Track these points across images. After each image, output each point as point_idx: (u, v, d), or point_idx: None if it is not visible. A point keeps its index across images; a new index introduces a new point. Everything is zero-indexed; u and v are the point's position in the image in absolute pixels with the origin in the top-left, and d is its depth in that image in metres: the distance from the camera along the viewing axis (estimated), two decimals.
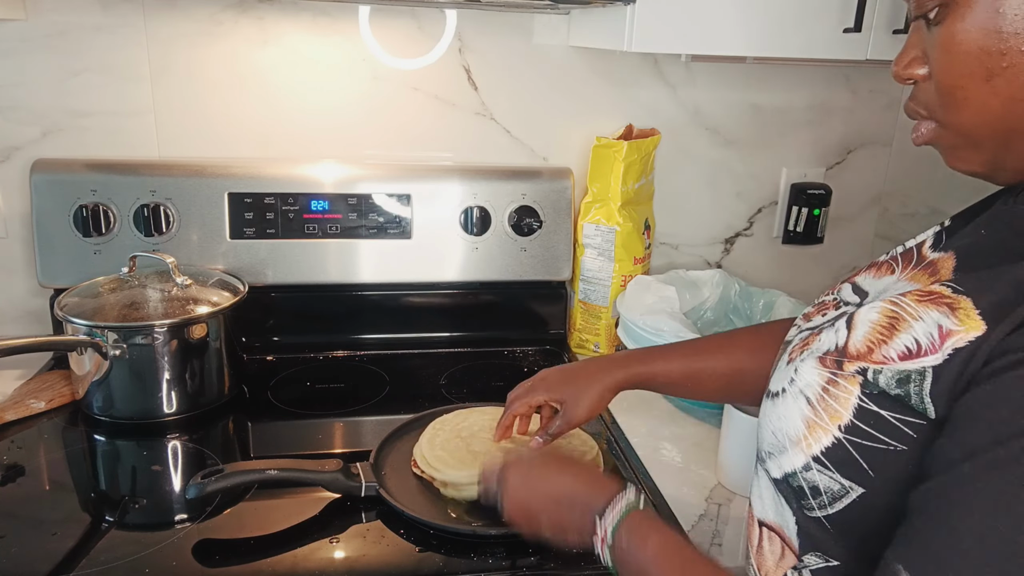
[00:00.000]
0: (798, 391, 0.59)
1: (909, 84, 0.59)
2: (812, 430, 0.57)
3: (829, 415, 0.56)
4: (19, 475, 0.95)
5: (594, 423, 1.12)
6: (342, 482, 0.88)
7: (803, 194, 1.48)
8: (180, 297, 1.10)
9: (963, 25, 0.52)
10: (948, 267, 0.59)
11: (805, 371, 0.60)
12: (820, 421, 0.57)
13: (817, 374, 0.58)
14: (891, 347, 0.54)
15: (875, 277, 0.68)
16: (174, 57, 1.24)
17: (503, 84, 1.34)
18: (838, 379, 0.57)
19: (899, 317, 0.55)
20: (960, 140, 0.57)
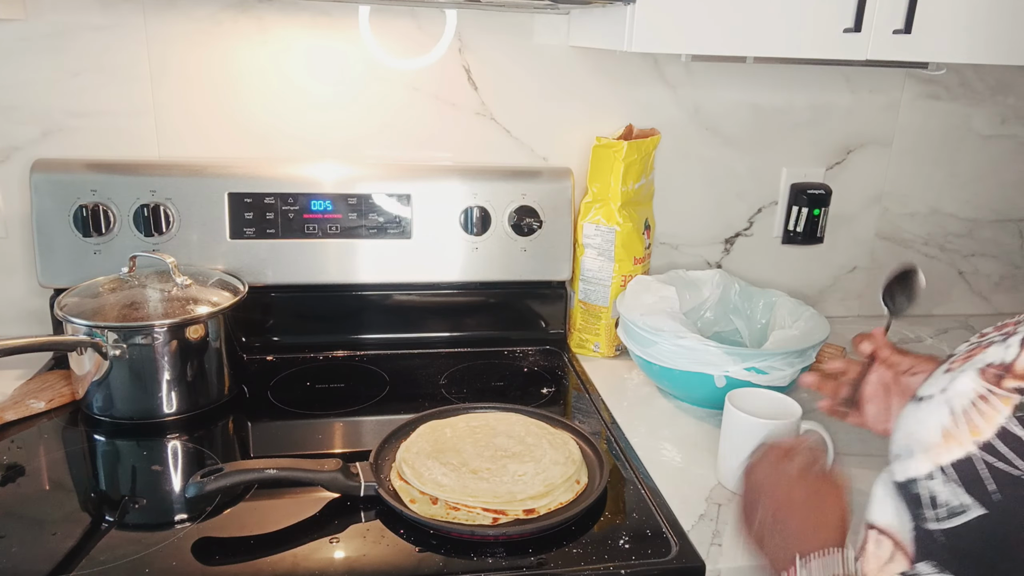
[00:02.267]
0: (944, 400, 0.58)
1: None
2: (947, 440, 0.55)
3: (970, 428, 0.54)
4: (19, 475, 0.95)
5: (594, 423, 1.13)
6: (341, 482, 0.88)
7: (803, 194, 1.48)
8: (180, 297, 1.10)
9: None
10: None
11: (962, 381, 0.58)
12: (957, 432, 0.55)
13: (972, 385, 0.56)
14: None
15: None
16: (174, 57, 1.24)
17: (503, 84, 1.34)
18: (992, 395, 0.55)
19: None
20: None
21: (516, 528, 0.84)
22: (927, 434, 0.57)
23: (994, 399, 0.54)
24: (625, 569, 0.81)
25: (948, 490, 0.54)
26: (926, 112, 1.50)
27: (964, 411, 0.55)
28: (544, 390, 1.23)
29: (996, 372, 0.56)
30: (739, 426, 0.95)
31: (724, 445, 0.99)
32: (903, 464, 0.59)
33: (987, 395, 0.55)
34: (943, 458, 0.55)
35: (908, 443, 0.59)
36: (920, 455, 0.57)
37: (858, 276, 1.61)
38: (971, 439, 0.54)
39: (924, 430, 0.58)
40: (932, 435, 0.57)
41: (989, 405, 0.54)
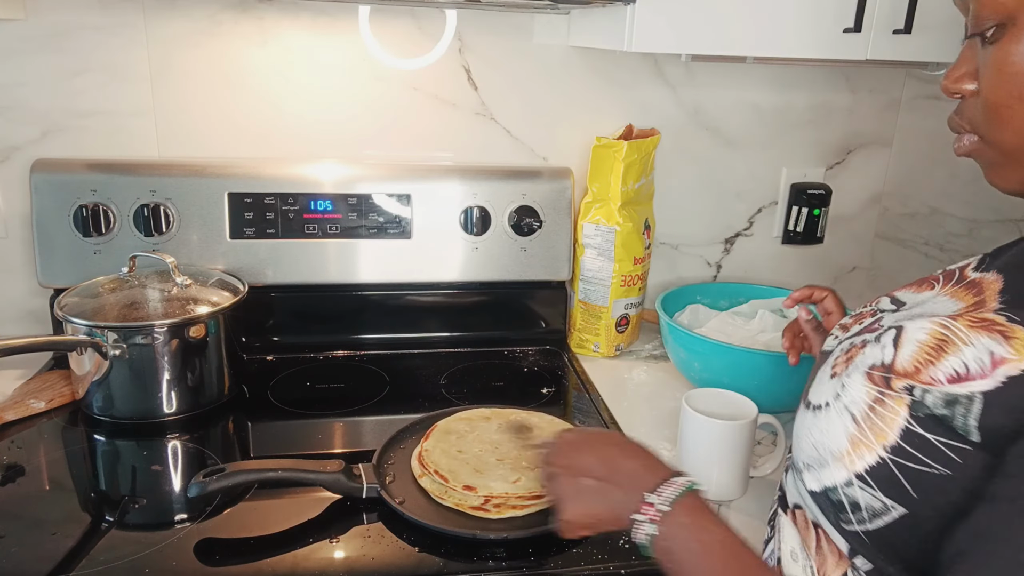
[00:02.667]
0: (843, 407, 0.59)
1: (956, 98, 0.61)
2: (856, 447, 0.57)
3: (875, 434, 0.56)
4: (19, 475, 0.95)
5: (594, 423, 1.13)
6: (344, 483, 0.88)
7: (803, 194, 1.48)
8: (180, 297, 1.10)
9: (1018, 47, 0.54)
10: (994, 289, 0.59)
11: (852, 387, 0.59)
12: (864, 439, 0.57)
13: (864, 391, 0.58)
14: (939, 368, 0.55)
15: (914, 292, 0.69)
16: (174, 57, 1.24)
17: (503, 84, 1.34)
18: (885, 398, 0.57)
19: (948, 340, 0.55)
20: (1001, 158, 0.59)
21: (516, 531, 0.84)
22: (835, 443, 0.59)
23: (889, 402, 0.56)
24: (625, 569, 0.81)
25: (867, 495, 0.56)
26: (926, 112, 1.50)
27: (864, 417, 0.57)
28: (544, 390, 1.23)
29: (882, 374, 0.58)
30: (697, 427, 0.95)
31: (683, 447, 0.98)
32: (816, 474, 0.61)
33: (881, 398, 0.57)
34: (857, 465, 0.57)
35: (817, 453, 0.61)
36: (833, 464, 0.59)
37: (858, 276, 1.61)
38: (878, 444, 0.56)
39: (831, 439, 0.59)
40: (840, 443, 0.58)
41: (886, 408, 0.56)
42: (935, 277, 0.69)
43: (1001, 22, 0.55)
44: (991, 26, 0.55)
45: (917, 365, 0.56)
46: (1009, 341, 0.52)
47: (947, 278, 0.67)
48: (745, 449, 0.94)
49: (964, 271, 0.66)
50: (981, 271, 0.64)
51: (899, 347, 0.58)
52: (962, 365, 0.53)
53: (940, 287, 0.66)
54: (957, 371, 0.53)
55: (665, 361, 1.35)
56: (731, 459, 0.94)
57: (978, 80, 0.58)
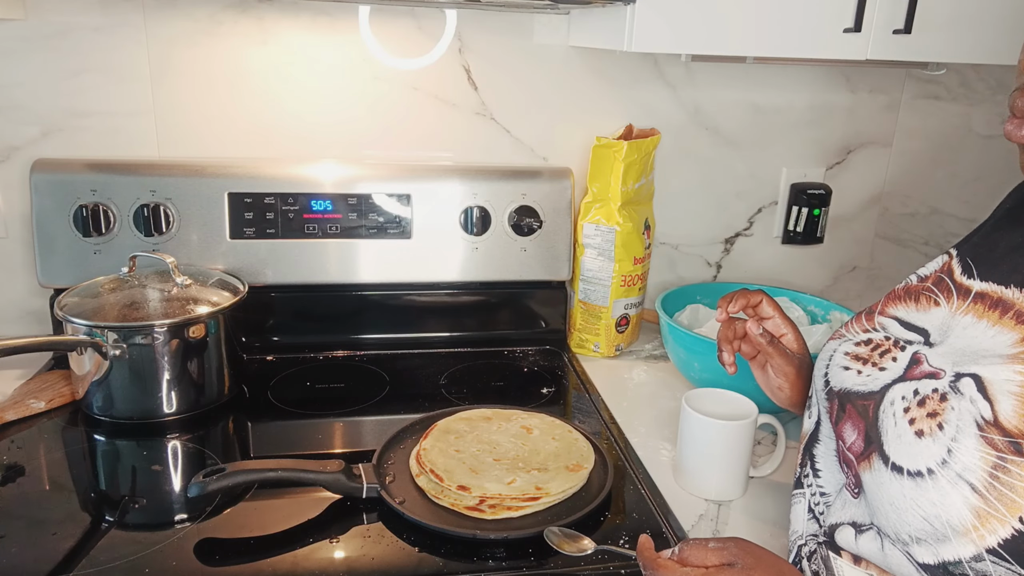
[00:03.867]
0: (956, 475, 0.56)
1: None
2: (984, 521, 0.54)
3: (1005, 505, 0.53)
4: (19, 475, 0.95)
5: (594, 423, 1.13)
6: (344, 483, 0.88)
7: (803, 194, 1.48)
8: (180, 297, 1.10)
9: None
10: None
11: (964, 453, 0.56)
12: (994, 511, 0.53)
13: (980, 457, 0.55)
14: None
15: (919, 311, 0.66)
16: (174, 57, 1.24)
17: (503, 84, 1.34)
18: (1008, 464, 0.53)
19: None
20: None
21: (516, 531, 0.84)
22: (955, 517, 0.55)
23: (1014, 468, 0.53)
24: (625, 569, 0.81)
25: (1003, 569, 0.53)
26: (926, 112, 1.50)
27: (987, 487, 0.54)
28: (544, 390, 1.23)
29: (999, 438, 0.54)
30: (697, 428, 0.94)
31: (682, 447, 0.98)
32: (931, 548, 0.57)
33: (1003, 465, 0.54)
34: (988, 540, 0.54)
35: (930, 526, 0.57)
36: (956, 539, 0.55)
37: (858, 276, 1.61)
38: (1012, 516, 0.53)
39: (949, 513, 0.56)
40: (962, 517, 0.55)
41: (1012, 476, 0.53)
42: (928, 289, 0.67)
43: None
44: None
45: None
46: None
47: (944, 292, 0.65)
48: (745, 449, 0.94)
49: (954, 278, 0.64)
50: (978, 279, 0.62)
51: (992, 401, 0.55)
52: None
53: (947, 306, 0.64)
54: None
55: (665, 361, 1.35)
56: (731, 459, 0.94)
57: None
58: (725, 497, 0.96)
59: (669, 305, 1.30)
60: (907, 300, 0.68)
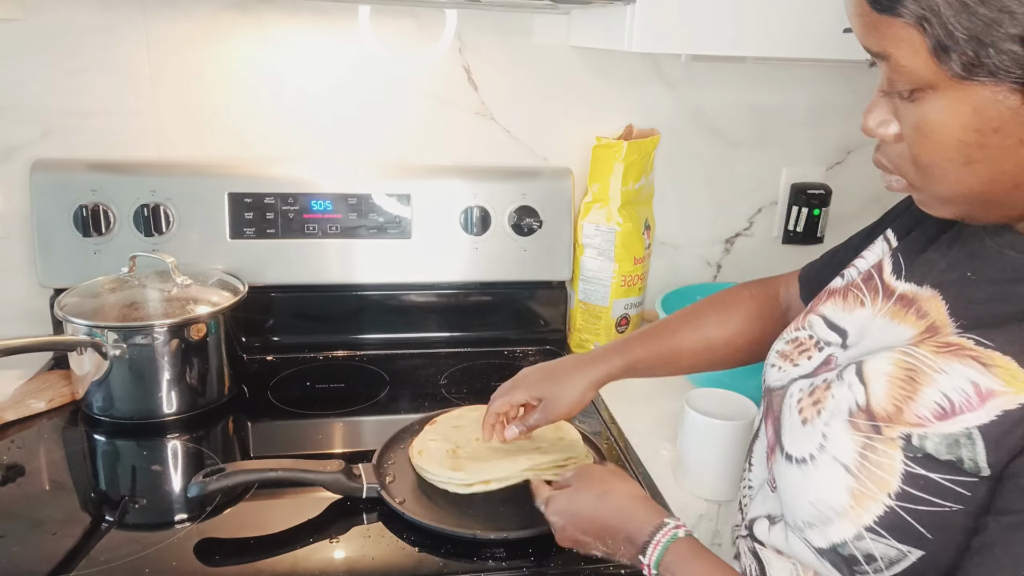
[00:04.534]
0: (831, 459, 0.58)
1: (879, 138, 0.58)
2: (859, 500, 0.56)
3: (875, 483, 0.55)
4: (19, 475, 0.95)
5: (594, 423, 1.13)
6: (344, 483, 0.88)
7: (803, 194, 1.48)
8: (180, 297, 1.10)
9: (939, 116, 0.51)
10: (940, 309, 0.58)
11: (836, 437, 0.58)
12: (867, 490, 0.55)
13: (850, 440, 0.57)
14: (920, 404, 0.54)
15: (844, 310, 0.67)
16: (174, 57, 1.24)
17: (503, 84, 1.34)
18: (875, 443, 0.55)
19: (916, 369, 0.55)
20: (934, 201, 0.57)
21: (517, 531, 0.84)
22: (835, 499, 0.57)
23: (881, 447, 0.55)
24: (625, 569, 0.81)
25: (882, 545, 0.55)
26: None
27: (859, 467, 0.56)
28: None
29: (866, 421, 0.56)
30: (697, 427, 0.95)
31: (682, 447, 0.98)
32: (821, 531, 0.59)
33: (871, 444, 0.56)
34: (864, 518, 0.55)
35: (816, 511, 0.59)
36: (838, 520, 0.57)
37: None
38: (882, 493, 0.54)
39: (830, 496, 0.58)
40: (841, 499, 0.57)
41: (880, 455, 0.55)
42: (855, 286, 0.68)
43: (917, 87, 0.51)
44: (907, 90, 0.52)
45: (896, 403, 0.55)
46: (990, 369, 0.52)
47: (871, 291, 0.65)
48: (744, 448, 0.94)
49: (883, 277, 0.65)
50: (904, 280, 0.63)
51: (867, 384, 0.57)
52: (943, 398, 0.53)
53: (871, 303, 0.65)
54: (941, 405, 0.53)
55: None
56: (731, 459, 0.94)
57: (899, 126, 0.55)
58: (725, 497, 0.96)
59: (669, 305, 1.30)
60: (838, 297, 0.69)
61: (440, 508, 0.88)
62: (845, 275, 0.72)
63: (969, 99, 0.49)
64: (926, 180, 0.55)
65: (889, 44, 0.52)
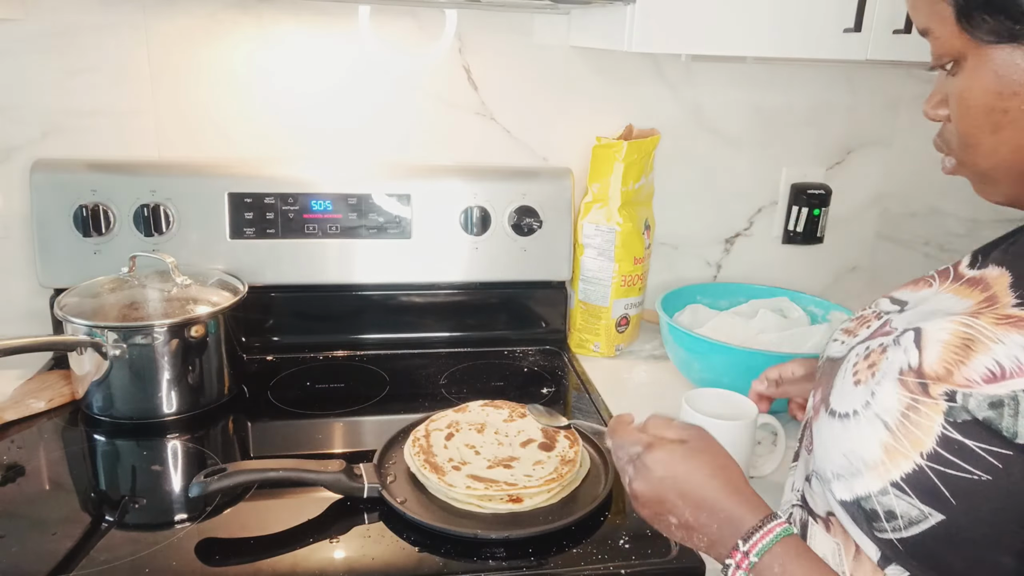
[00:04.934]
0: (874, 415, 0.58)
1: (937, 122, 0.63)
2: (891, 455, 0.56)
3: (910, 441, 0.56)
4: (19, 475, 0.95)
5: (594, 423, 1.12)
6: (345, 483, 0.88)
7: (803, 194, 1.48)
8: (180, 297, 1.10)
9: (969, 83, 0.57)
10: (1003, 284, 0.59)
11: (883, 394, 0.58)
12: (900, 447, 0.56)
13: (896, 397, 0.57)
14: (971, 369, 0.54)
15: (912, 291, 0.69)
16: (174, 57, 1.24)
17: (503, 84, 1.34)
18: (920, 404, 0.56)
19: (974, 339, 0.55)
20: (979, 177, 0.61)
21: (517, 531, 0.84)
22: (868, 452, 0.58)
23: (924, 408, 0.56)
24: (625, 569, 0.81)
25: (904, 503, 0.56)
26: None
27: (898, 425, 0.57)
28: (544, 390, 1.23)
29: (915, 380, 0.57)
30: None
31: None
32: (848, 483, 0.60)
33: (915, 405, 0.56)
34: (892, 474, 0.56)
35: (847, 462, 0.60)
36: (867, 473, 0.58)
37: (858, 276, 1.61)
38: (915, 451, 0.55)
39: (863, 448, 0.58)
40: (873, 452, 0.58)
41: (921, 416, 0.56)
42: (931, 276, 0.69)
43: (955, 58, 0.57)
44: (948, 61, 0.58)
45: (948, 367, 0.55)
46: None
47: (942, 276, 0.67)
48: (745, 449, 0.94)
49: (958, 269, 0.66)
50: (977, 268, 0.64)
51: (923, 349, 0.57)
52: (995, 364, 0.53)
53: (938, 285, 0.66)
54: (991, 370, 0.53)
55: (665, 361, 1.34)
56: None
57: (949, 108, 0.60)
58: None
59: (669, 305, 1.30)
60: (909, 285, 0.71)
61: (441, 508, 0.88)
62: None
63: (992, 63, 0.55)
64: (967, 153, 0.60)
65: (929, 19, 0.58)
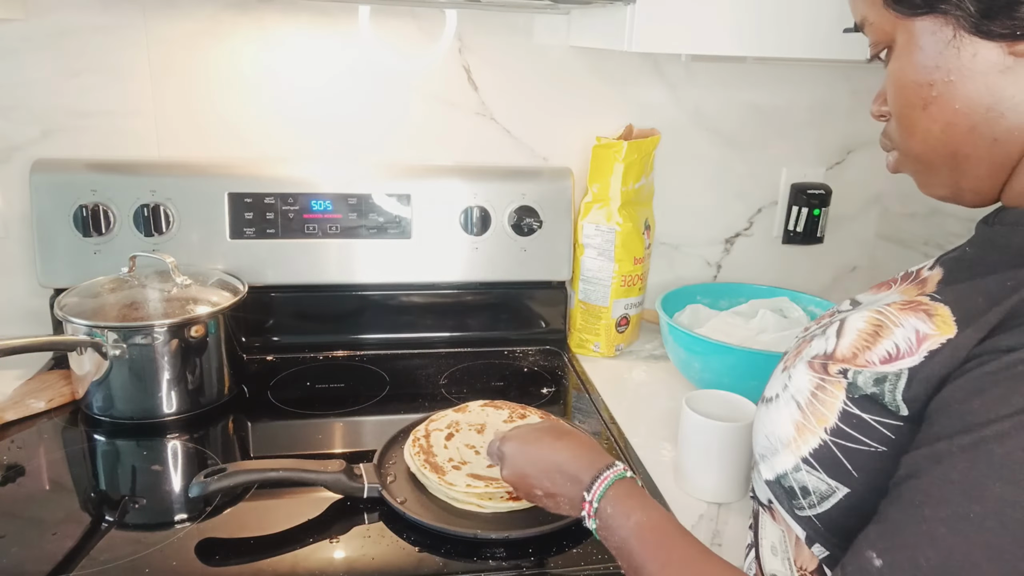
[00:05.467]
0: (790, 396, 0.62)
1: (882, 121, 0.64)
2: (801, 433, 0.60)
3: (816, 418, 0.59)
4: (19, 475, 0.95)
5: (594, 423, 1.13)
6: (345, 483, 0.88)
7: (803, 194, 1.48)
8: (180, 297, 1.10)
9: (899, 63, 0.59)
10: (934, 280, 0.62)
11: (797, 376, 0.63)
12: (808, 424, 0.60)
13: (807, 379, 0.61)
14: (874, 352, 0.57)
15: (874, 292, 0.71)
16: (174, 57, 1.24)
17: (503, 84, 1.34)
18: (826, 383, 0.59)
19: (883, 324, 0.58)
20: (918, 166, 0.62)
21: (517, 531, 0.84)
22: (783, 431, 0.62)
23: (828, 387, 0.59)
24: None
25: (815, 478, 0.59)
26: None
27: (807, 403, 0.60)
28: (544, 390, 1.23)
29: (822, 362, 0.61)
30: (697, 429, 0.94)
31: (682, 448, 0.98)
32: (769, 463, 0.63)
33: (822, 384, 0.60)
34: (802, 450, 0.60)
35: (769, 443, 0.63)
36: (783, 451, 0.61)
37: (858, 276, 1.61)
38: (820, 427, 0.58)
39: (780, 428, 0.62)
40: (787, 431, 0.61)
41: (826, 393, 0.59)
42: (894, 279, 0.71)
43: (887, 45, 0.60)
44: (881, 49, 0.60)
45: (855, 351, 0.59)
46: (932, 318, 0.55)
47: (904, 278, 0.69)
48: (745, 450, 0.94)
49: (920, 270, 0.68)
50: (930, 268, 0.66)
51: (840, 336, 0.61)
52: (893, 346, 0.56)
53: (896, 286, 0.68)
54: (889, 352, 0.56)
55: (665, 361, 1.35)
56: (731, 461, 0.94)
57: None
58: (725, 499, 0.96)
59: (669, 305, 1.30)
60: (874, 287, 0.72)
61: (441, 508, 0.88)
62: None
63: (915, 38, 0.56)
64: (904, 139, 0.61)
65: (863, 6, 0.61)
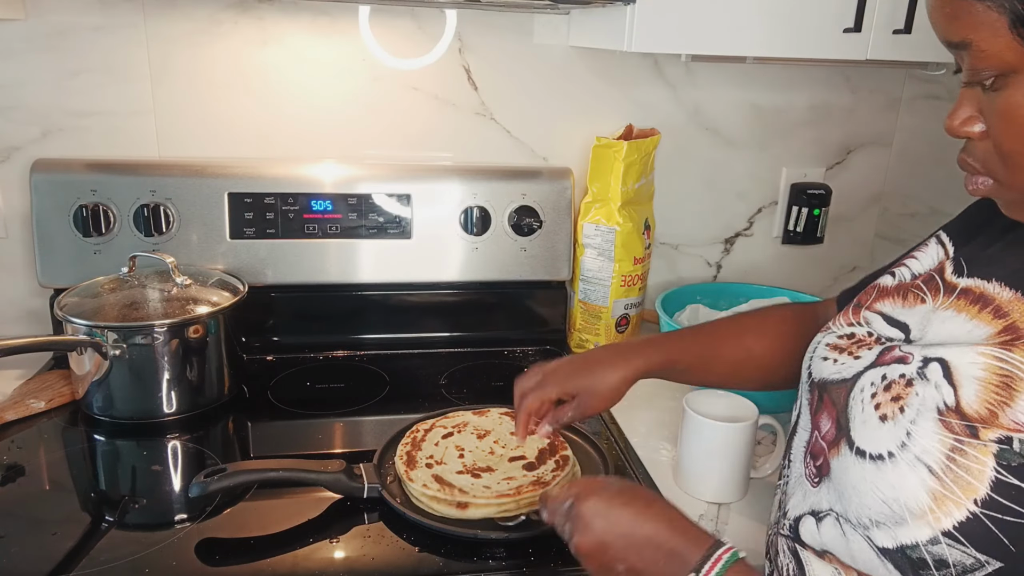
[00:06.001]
0: (914, 458, 0.56)
1: (964, 137, 0.59)
2: (940, 503, 0.54)
3: (960, 487, 0.53)
4: (19, 475, 0.95)
5: (594, 423, 1.13)
6: (344, 483, 0.88)
7: (803, 194, 1.48)
8: (180, 297, 1.10)
9: (1021, 99, 0.53)
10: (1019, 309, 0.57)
11: (922, 436, 0.56)
12: (950, 494, 0.54)
13: (938, 440, 0.55)
14: (1016, 410, 0.52)
15: (904, 307, 0.66)
16: (174, 57, 1.24)
17: (503, 84, 1.34)
18: (965, 447, 0.54)
19: (1012, 376, 0.53)
20: (1020, 197, 0.58)
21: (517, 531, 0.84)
22: (912, 499, 0.56)
23: (970, 451, 0.54)
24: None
25: (958, 552, 0.53)
26: (926, 112, 1.50)
27: (943, 469, 0.54)
28: None
29: (957, 422, 0.55)
30: (697, 429, 0.94)
31: (683, 449, 0.98)
32: (890, 531, 0.57)
33: (960, 447, 0.54)
34: (943, 522, 0.54)
35: (890, 510, 0.57)
36: (913, 522, 0.56)
37: (858, 276, 1.60)
38: (967, 498, 0.53)
39: (907, 495, 0.56)
40: (920, 499, 0.55)
41: (969, 459, 0.54)
42: (917, 287, 0.67)
43: (1002, 72, 0.53)
44: (990, 76, 0.54)
45: (990, 408, 0.53)
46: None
47: (932, 289, 0.65)
48: (746, 450, 0.94)
49: (944, 276, 0.64)
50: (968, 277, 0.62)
51: (957, 386, 0.56)
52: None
53: (932, 301, 0.64)
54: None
55: None
56: (732, 461, 0.94)
57: (984, 122, 0.56)
58: (725, 499, 0.96)
59: (669, 305, 1.30)
60: (896, 296, 0.69)
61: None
62: (896, 274, 0.71)
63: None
64: (1011, 173, 0.56)
65: (969, 30, 0.53)
